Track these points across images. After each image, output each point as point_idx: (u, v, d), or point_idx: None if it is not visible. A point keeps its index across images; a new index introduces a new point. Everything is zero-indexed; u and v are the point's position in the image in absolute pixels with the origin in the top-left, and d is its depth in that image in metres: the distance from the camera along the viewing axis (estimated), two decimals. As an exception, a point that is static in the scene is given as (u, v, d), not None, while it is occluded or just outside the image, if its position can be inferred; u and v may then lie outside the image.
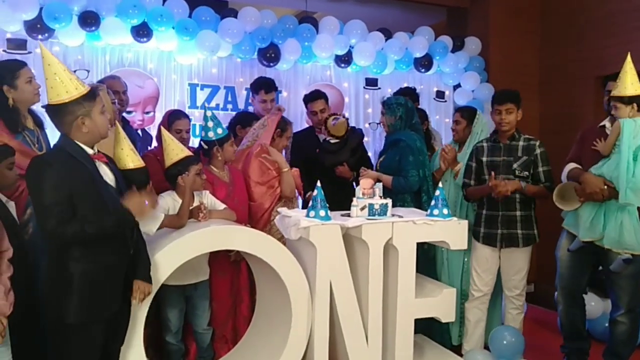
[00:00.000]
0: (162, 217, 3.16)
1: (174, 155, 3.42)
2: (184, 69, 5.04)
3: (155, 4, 4.64)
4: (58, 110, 2.54)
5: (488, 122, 4.49)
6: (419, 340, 3.90)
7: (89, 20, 4.43)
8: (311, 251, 3.29)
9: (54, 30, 4.39)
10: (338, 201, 3.63)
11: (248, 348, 3.63)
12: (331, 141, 4.55)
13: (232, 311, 3.82)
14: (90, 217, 2.48)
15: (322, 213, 3.25)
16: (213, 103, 5.11)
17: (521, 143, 3.93)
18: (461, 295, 4.20)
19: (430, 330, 4.11)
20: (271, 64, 5.15)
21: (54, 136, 2.73)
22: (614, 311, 3.72)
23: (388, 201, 3.43)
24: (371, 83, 5.76)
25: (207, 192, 3.59)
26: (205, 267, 3.58)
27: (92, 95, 2.60)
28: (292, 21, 5.23)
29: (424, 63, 5.79)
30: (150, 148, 4.46)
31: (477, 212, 4.09)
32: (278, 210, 3.72)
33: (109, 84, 3.89)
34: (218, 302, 3.72)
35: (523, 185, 3.82)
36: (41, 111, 3.07)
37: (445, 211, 3.45)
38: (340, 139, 4.54)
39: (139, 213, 2.61)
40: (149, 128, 4.87)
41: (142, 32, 4.60)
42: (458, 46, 5.97)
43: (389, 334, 3.49)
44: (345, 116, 4.80)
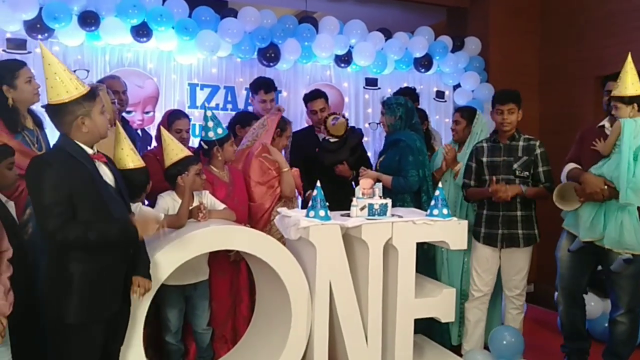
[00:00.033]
0: (162, 218, 3.15)
1: (174, 155, 3.42)
2: (184, 69, 5.04)
3: (155, 4, 4.64)
4: (58, 110, 2.53)
5: (487, 122, 4.50)
6: (419, 340, 3.90)
7: (89, 20, 4.43)
8: (311, 251, 3.29)
9: (54, 30, 4.39)
10: (337, 200, 3.63)
11: (248, 348, 3.63)
12: (331, 140, 4.56)
13: (232, 311, 3.82)
14: (93, 223, 2.48)
15: (322, 213, 3.25)
16: (213, 103, 5.11)
17: (521, 143, 3.93)
18: (461, 295, 4.20)
19: (430, 330, 4.11)
20: (271, 64, 5.15)
21: (54, 136, 2.73)
22: (614, 311, 3.72)
23: (388, 201, 3.43)
24: (371, 83, 5.76)
25: (207, 192, 3.59)
26: (205, 267, 3.58)
27: (92, 95, 2.60)
28: (292, 21, 5.23)
29: (424, 63, 5.79)
30: (149, 148, 4.46)
31: (478, 212, 4.09)
32: (278, 210, 3.72)
33: (109, 84, 3.89)
34: (218, 302, 3.72)
35: (523, 189, 3.82)
36: (41, 111, 3.07)
37: (445, 211, 3.45)
38: (339, 138, 4.54)
39: (143, 232, 2.63)
40: (149, 128, 4.87)
41: (142, 32, 4.59)
42: (458, 46, 5.97)
43: (389, 334, 3.49)
44: (344, 116, 4.80)
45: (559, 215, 3.90)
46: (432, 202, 3.49)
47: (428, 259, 4.22)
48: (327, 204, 3.31)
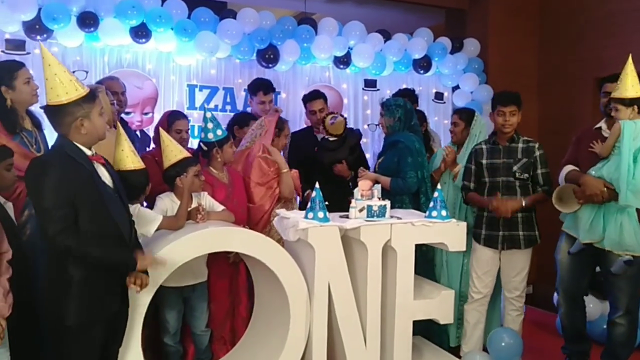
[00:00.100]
0: (160, 219, 3.15)
1: (173, 156, 3.41)
2: (183, 70, 5.04)
3: (154, 5, 4.64)
4: (57, 111, 2.53)
5: (486, 124, 4.50)
6: (417, 342, 3.89)
7: (88, 21, 4.43)
8: (309, 253, 3.29)
9: (53, 30, 4.39)
10: (335, 201, 3.63)
11: (246, 349, 3.62)
12: (330, 139, 4.56)
13: (231, 312, 3.82)
14: (99, 239, 2.50)
15: (321, 214, 3.24)
16: (212, 104, 5.10)
17: (520, 145, 3.93)
18: (460, 297, 4.20)
19: (428, 331, 4.11)
20: (270, 65, 5.15)
21: (52, 137, 2.73)
22: (612, 313, 3.71)
23: (387, 203, 3.42)
24: (370, 84, 5.77)
25: (206, 194, 3.58)
26: (203, 269, 3.57)
27: (92, 97, 2.60)
28: (291, 22, 5.23)
29: (423, 64, 5.80)
30: (148, 149, 4.46)
31: (478, 214, 4.08)
32: (277, 211, 3.72)
33: (108, 85, 3.89)
34: (216, 304, 3.72)
35: (523, 202, 3.83)
36: (39, 112, 3.07)
37: (443, 213, 3.44)
38: (338, 137, 4.54)
39: (141, 267, 2.66)
40: (148, 129, 4.86)
41: (141, 33, 4.59)
42: (457, 47, 5.97)
43: (388, 336, 3.48)
44: (343, 115, 4.81)
45: (558, 216, 3.90)
46: (431, 204, 3.48)
47: (427, 261, 4.21)
48: (327, 204, 3.31)
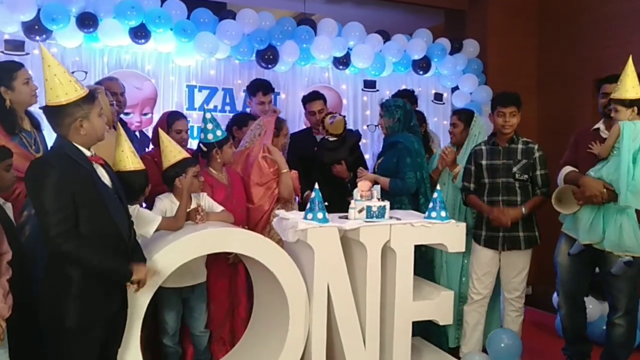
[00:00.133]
0: (160, 220, 3.15)
1: (172, 157, 3.41)
2: (182, 71, 5.03)
3: (153, 6, 4.64)
4: (57, 111, 2.53)
5: (485, 125, 4.49)
6: (417, 343, 3.89)
7: (87, 21, 4.43)
8: (309, 253, 3.28)
9: (52, 31, 4.38)
10: (335, 201, 3.62)
11: (246, 350, 3.62)
12: (330, 139, 4.56)
13: (230, 313, 3.81)
14: (96, 248, 2.50)
15: (320, 215, 3.24)
16: (211, 105, 5.10)
17: (520, 146, 3.93)
18: (460, 298, 4.20)
19: (427, 332, 4.10)
20: (269, 66, 5.15)
21: (52, 138, 2.72)
22: (612, 313, 3.71)
23: (386, 203, 3.42)
24: (369, 85, 5.76)
25: (205, 194, 3.58)
26: (202, 270, 3.57)
27: (91, 97, 2.60)
28: (291, 23, 5.23)
29: (422, 65, 5.80)
30: (147, 150, 4.45)
31: (478, 215, 4.08)
32: (276, 212, 3.71)
33: (107, 86, 3.88)
34: (216, 304, 3.71)
35: (523, 210, 3.83)
36: (38, 112, 3.06)
37: (443, 213, 3.44)
38: (338, 137, 4.54)
39: (137, 278, 2.66)
40: (147, 130, 4.86)
41: (140, 34, 4.59)
42: (456, 48, 5.97)
43: (387, 337, 3.48)
44: (342, 114, 4.81)
45: (557, 217, 3.90)
46: (430, 205, 3.48)
47: (426, 262, 4.21)
48: (326, 204, 3.30)
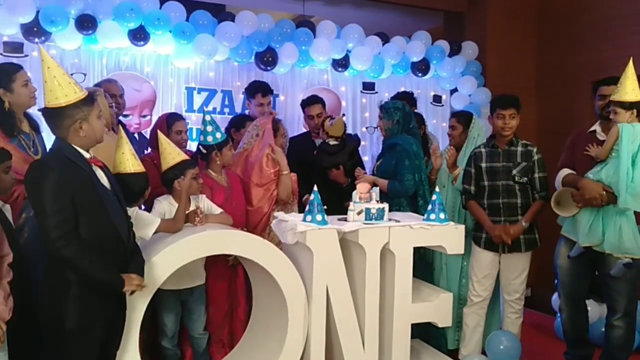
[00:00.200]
0: (158, 222, 3.14)
1: (171, 159, 3.41)
2: (181, 73, 5.03)
3: (152, 8, 4.64)
4: (56, 113, 2.53)
5: (484, 127, 4.49)
6: (416, 345, 3.89)
7: (86, 23, 4.43)
8: (308, 255, 3.28)
9: (51, 33, 4.38)
10: (334, 204, 3.62)
11: (244, 352, 3.61)
12: (330, 142, 4.55)
13: (229, 315, 3.81)
14: (93, 256, 2.49)
15: (319, 217, 3.24)
16: (210, 107, 5.09)
17: (520, 148, 3.92)
18: (459, 300, 4.20)
19: (426, 334, 4.10)
20: (268, 68, 5.15)
21: (50, 140, 2.72)
22: (611, 315, 3.70)
23: (385, 205, 3.42)
24: (368, 87, 5.77)
25: (204, 196, 3.58)
26: (201, 272, 3.57)
27: (90, 99, 2.60)
28: (290, 25, 5.23)
29: (421, 67, 5.80)
30: (147, 152, 4.45)
31: (478, 218, 4.08)
32: (275, 214, 3.71)
33: (106, 88, 3.88)
34: (215, 306, 3.71)
35: (524, 224, 3.83)
36: (37, 114, 3.06)
37: (442, 216, 3.44)
38: (339, 141, 4.53)
39: (128, 289, 2.65)
40: (146, 132, 4.85)
41: (139, 36, 4.59)
42: (455, 50, 5.98)
43: (386, 339, 3.48)
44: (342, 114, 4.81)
45: (555, 220, 3.89)
46: (430, 207, 3.48)
47: (425, 264, 4.21)
48: (325, 208, 3.30)
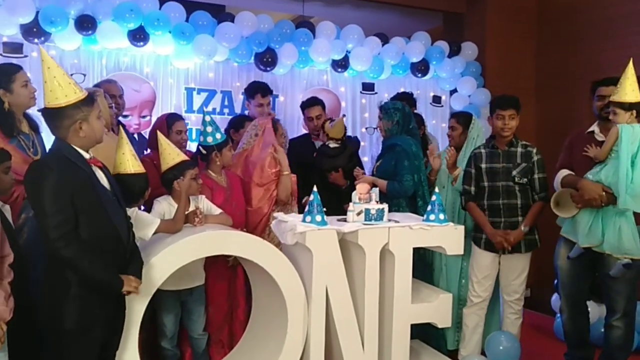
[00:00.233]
0: (158, 222, 3.14)
1: (170, 159, 3.41)
2: (181, 73, 5.03)
3: (152, 8, 4.64)
4: (56, 114, 2.53)
5: (483, 127, 4.49)
6: (415, 345, 3.89)
7: (86, 24, 4.43)
8: (307, 256, 3.28)
9: (51, 34, 4.38)
10: (333, 206, 3.62)
11: (244, 353, 3.61)
12: (330, 145, 4.55)
13: (229, 315, 3.81)
14: (94, 257, 2.49)
15: (319, 218, 3.24)
16: (210, 107, 5.09)
17: (519, 149, 3.92)
18: (459, 300, 4.20)
19: (426, 335, 4.10)
20: (268, 69, 5.15)
21: (49, 140, 2.72)
22: (610, 316, 3.70)
23: (384, 206, 3.42)
24: (368, 88, 5.77)
25: (203, 197, 3.58)
26: (201, 272, 3.57)
27: (90, 100, 2.61)
28: (289, 26, 5.23)
29: (421, 68, 5.81)
30: (146, 152, 4.45)
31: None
32: (274, 215, 3.71)
33: (106, 88, 3.88)
34: (215, 307, 3.71)
35: (524, 229, 3.83)
36: (36, 115, 3.06)
37: (441, 216, 3.44)
38: (340, 143, 4.53)
39: (127, 290, 2.64)
40: (145, 132, 4.85)
41: (139, 36, 4.59)
42: (454, 51, 5.98)
43: (385, 339, 3.48)
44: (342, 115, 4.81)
45: (555, 220, 3.89)
46: (429, 208, 3.48)
47: (425, 264, 4.21)
48: (324, 210, 3.30)
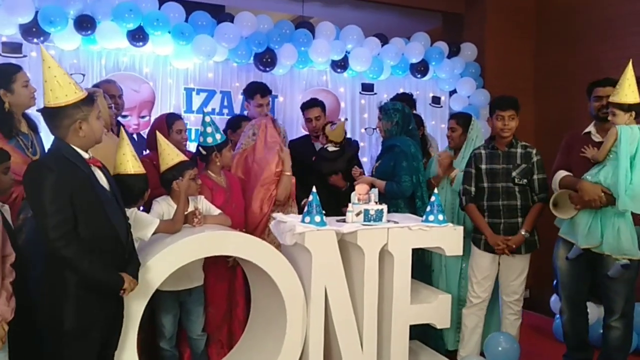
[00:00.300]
0: (157, 222, 3.14)
1: (169, 160, 3.41)
2: (180, 74, 5.03)
3: (151, 8, 4.63)
4: (56, 113, 2.53)
5: (482, 128, 4.49)
6: (414, 346, 3.89)
7: (85, 24, 4.42)
8: (306, 257, 3.28)
9: (50, 34, 4.38)
10: (332, 208, 3.62)
11: (243, 353, 3.61)
12: (329, 149, 4.55)
13: (228, 315, 3.81)
14: (93, 257, 2.50)
15: (318, 219, 3.24)
16: (209, 108, 5.09)
17: (519, 150, 3.92)
18: (459, 301, 4.19)
19: (425, 335, 4.10)
20: (267, 69, 5.15)
21: (49, 140, 2.72)
22: (608, 316, 3.70)
23: (383, 207, 3.42)
24: (367, 88, 5.77)
25: (202, 197, 3.58)
26: (199, 273, 3.57)
27: (90, 100, 2.61)
28: (289, 26, 5.23)
29: (420, 69, 5.81)
30: (145, 153, 4.45)
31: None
32: (273, 215, 3.71)
33: (105, 88, 3.87)
34: (214, 307, 3.71)
35: (524, 233, 3.84)
36: (35, 115, 3.05)
37: (440, 217, 3.44)
38: (339, 146, 4.53)
39: (129, 286, 2.65)
40: (144, 132, 4.85)
41: (138, 37, 4.59)
42: (454, 52, 5.98)
43: (384, 340, 3.48)
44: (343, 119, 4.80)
45: (553, 221, 3.89)
46: (428, 208, 3.48)
47: (424, 265, 4.21)
48: (324, 212, 3.30)
